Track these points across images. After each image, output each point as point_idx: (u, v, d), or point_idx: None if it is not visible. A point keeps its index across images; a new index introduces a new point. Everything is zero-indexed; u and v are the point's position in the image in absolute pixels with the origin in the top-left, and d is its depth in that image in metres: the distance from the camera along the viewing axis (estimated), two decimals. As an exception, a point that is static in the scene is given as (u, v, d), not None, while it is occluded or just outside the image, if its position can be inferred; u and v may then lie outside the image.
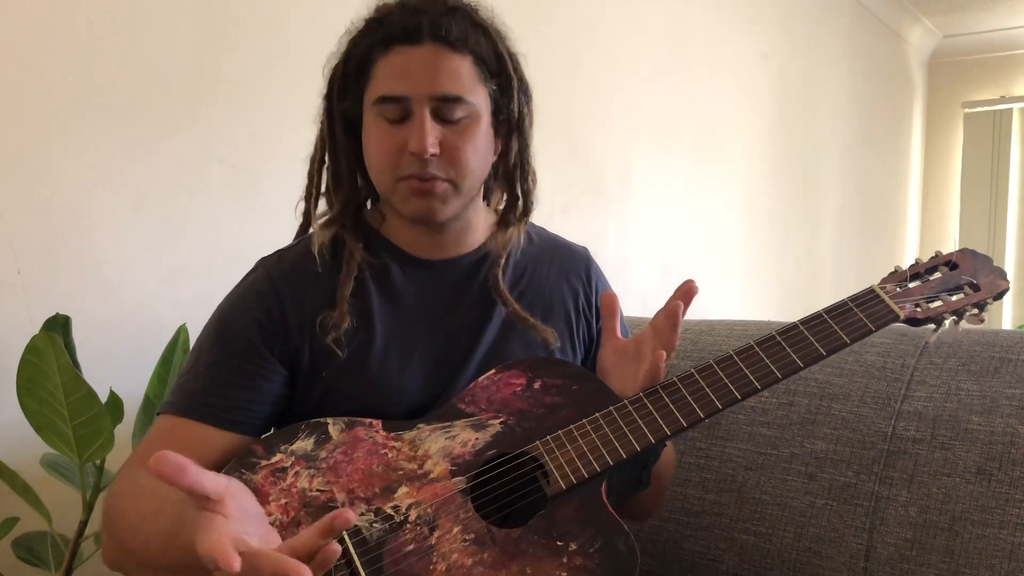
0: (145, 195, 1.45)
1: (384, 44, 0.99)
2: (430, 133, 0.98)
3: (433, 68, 0.98)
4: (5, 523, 1.21)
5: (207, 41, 1.53)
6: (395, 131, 1.00)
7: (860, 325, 1.00)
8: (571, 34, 2.35)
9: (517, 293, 1.12)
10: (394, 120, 1.00)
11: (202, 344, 1.04)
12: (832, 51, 3.68)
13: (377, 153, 1.02)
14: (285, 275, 1.05)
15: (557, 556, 0.90)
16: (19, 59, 1.30)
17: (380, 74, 1.00)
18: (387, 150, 1.01)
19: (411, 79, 0.98)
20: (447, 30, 0.98)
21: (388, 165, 1.01)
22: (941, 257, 1.09)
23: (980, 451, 1.19)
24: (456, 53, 0.99)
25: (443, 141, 1.00)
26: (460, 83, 0.99)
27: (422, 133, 0.98)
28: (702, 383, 0.99)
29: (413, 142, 0.98)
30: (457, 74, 0.99)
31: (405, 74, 0.98)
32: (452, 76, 0.98)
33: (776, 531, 1.30)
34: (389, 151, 1.00)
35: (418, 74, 0.98)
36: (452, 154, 1.00)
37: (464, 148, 1.01)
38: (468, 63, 1.00)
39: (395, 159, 1.00)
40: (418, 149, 0.98)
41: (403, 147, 0.99)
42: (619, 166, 2.54)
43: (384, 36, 0.99)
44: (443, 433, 0.99)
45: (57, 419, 1.18)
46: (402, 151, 1.00)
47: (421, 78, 0.98)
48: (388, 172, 1.02)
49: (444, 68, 0.98)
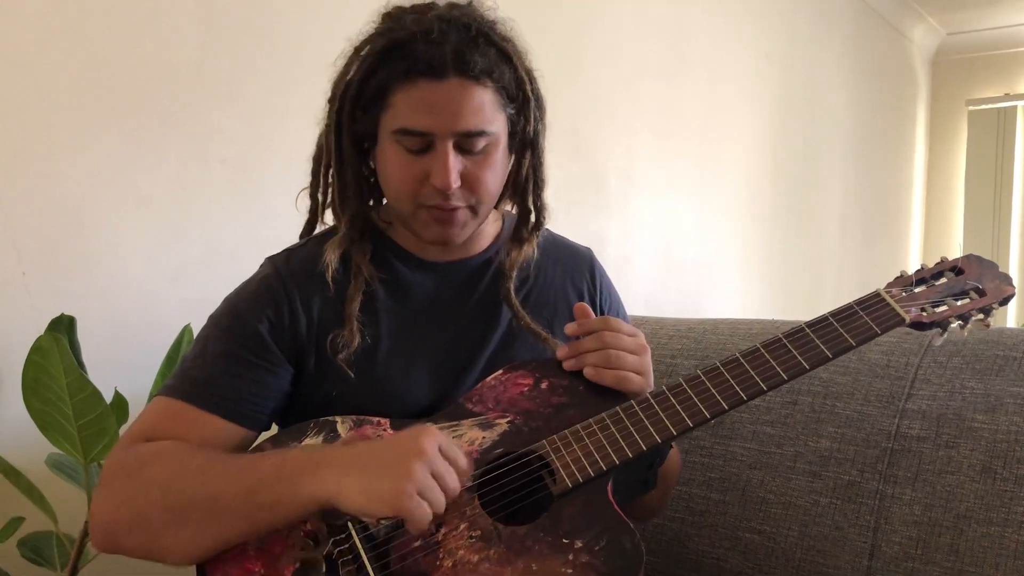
0: (148, 196, 1.45)
1: (406, 76, 0.96)
2: (453, 169, 0.97)
3: (458, 105, 0.96)
4: (10, 523, 1.22)
5: (209, 41, 1.53)
6: (416, 161, 0.99)
7: (866, 328, 1.00)
8: (574, 33, 2.34)
9: (523, 295, 1.12)
10: (415, 150, 0.99)
11: (210, 334, 1.04)
12: (835, 49, 3.68)
13: (398, 180, 1.01)
14: (295, 275, 1.05)
15: (563, 554, 0.90)
16: (21, 60, 1.30)
17: (401, 104, 0.97)
18: (408, 179, 1.00)
19: (435, 115, 0.96)
20: (472, 64, 0.96)
21: (408, 194, 1.01)
22: (947, 262, 1.10)
23: (984, 449, 1.19)
24: (480, 86, 0.97)
25: (464, 172, 0.99)
26: (483, 117, 0.98)
27: (446, 169, 0.97)
28: (708, 384, 0.99)
29: (437, 178, 0.97)
30: (481, 108, 0.97)
31: (429, 110, 0.96)
32: (476, 112, 0.97)
33: (780, 530, 1.30)
34: (409, 180, 1.00)
35: (442, 110, 0.96)
36: (473, 184, 1.00)
37: (484, 177, 1.01)
38: (490, 94, 0.98)
39: (416, 188, 1.00)
40: (443, 185, 0.98)
41: (424, 177, 0.99)
42: (621, 165, 2.54)
43: (407, 68, 0.96)
44: (451, 432, 0.99)
45: (62, 419, 1.18)
46: (423, 180, 0.99)
47: (445, 115, 0.96)
48: (408, 201, 1.01)
49: (468, 104, 0.96)
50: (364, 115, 1.01)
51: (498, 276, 1.12)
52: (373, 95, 0.99)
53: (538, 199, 1.11)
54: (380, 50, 0.98)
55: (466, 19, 0.98)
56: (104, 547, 0.94)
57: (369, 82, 0.99)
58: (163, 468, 0.93)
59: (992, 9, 4.25)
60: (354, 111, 1.02)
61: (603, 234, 2.46)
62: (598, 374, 1.01)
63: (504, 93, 1.00)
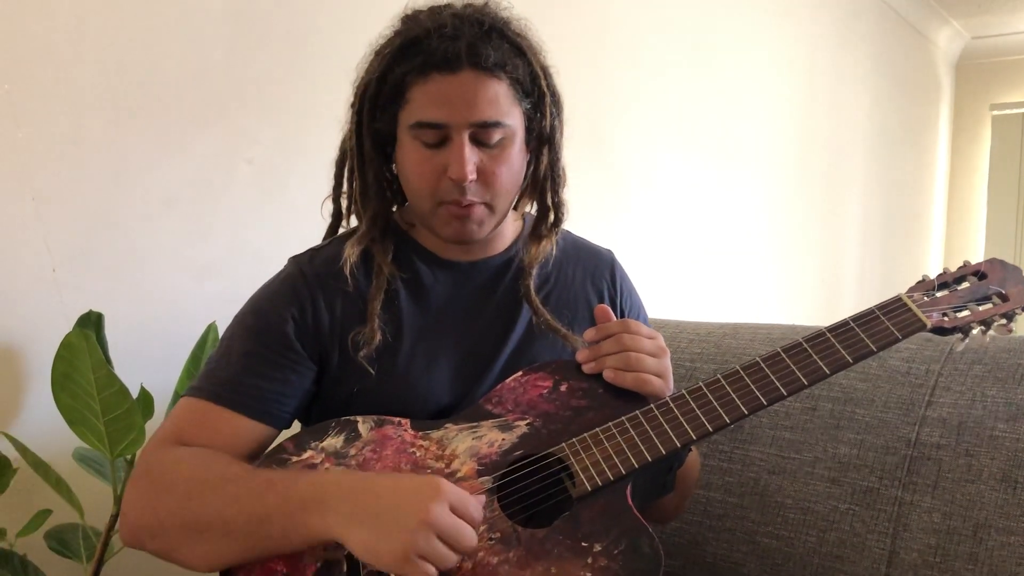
0: (175, 195, 1.47)
1: (421, 70, 0.98)
2: (469, 160, 0.99)
3: (472, 96, 0.98)
4: (38, 515, 1.24)
5: (236, 42, 1.54)
6: (433, 155, 1.00)
7: (887, 333, 1.00)
8: (595, 33, 2.35)
9: (543, 296, 1.13)
10: (432, 144, 1.00)
11: (234, 333, 1.06)
12: (858, 52, 3.66)
13: (416, 176, 1.03)
14: (319, 275, 1.07)
15: (582, 557, 0.91)
16: (53, 60, 1.32)
17: (417, 99, 0.99)
18: (425, 174, 1.01)
19: (450, 107, 0.98)
20: (485, 56, 0.97)
21: (427, 190, 1.02)
22: (969, 267, 1.09)
23: (1005, 458, 1.19)
24: (494, 78, 0.99)
25: (480, 166, 1.00)
26: (498, 108, 0.99)
27: (462, 161, 0.98)
28: (728, 388, 0.99)
29: (453, 169, 0.99)
30: (495, 100, 0.99)
31: (444, 102, 0.98)
32: (491, 103, 0.98)
33: (798, 535, 1.30)
34: (427, 175, 1.01)
35: (457, 102, 0.98)
36: (489, 178, 1.01)
37: (500, 172, 1.02)
38: (505, 86, 1.00)
39: (434, 183, 1.01)
40: (458, 176, 0.99)
41: (441, 171, 1.00)
42: (642, 168, 2.54)
43: (422, 63, 0.98)
44: (470, 433, 1.00)
45: (89, 414, 1.20)
46: (440, 175, 1.00)
47: (460, 106, 0.98)
48: (427, 197, 1.03)
49: (483, 96, 0.98)
50: (383, 113, 1.03)
51: (518, 275, 1.12)
52: (391, 93, 1.01)
53: (556, 196, 1.12)
54: (397, 48, 1.01)
55: (480, 15, 1.01)
56: (130, 545, 0.97)
57: (387, 80, 1.01)
58: (183, 481, 0.94)
59: (1017, 13, 4.21)
60: (374, 110, 1.04)
61: (624, 236, 2.46)
62: (618, 376, 1.02)
63: (519, 87, 1.02)
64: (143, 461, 0.99)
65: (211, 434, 0.99)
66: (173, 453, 0.97)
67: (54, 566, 1.27)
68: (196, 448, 0.98)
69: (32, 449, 1.23)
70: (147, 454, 1.00)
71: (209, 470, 0.95)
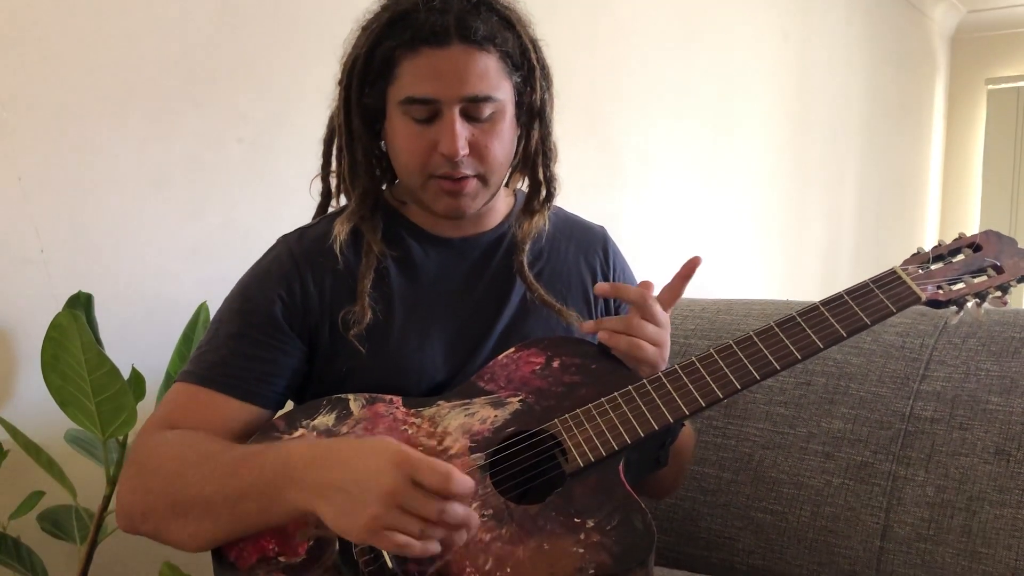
0: (165, 174, 1.46)
1: (410, 45, 0.97)
2: (460, 135, 0.98)
3: (463, 70, 0.97)
4: (31, 497, 1.24)
5: (224, 19, 1.53)
6: (423, 130, 0.99)
7: (881, 307, 1.00)
8: (588, 11, 2.33)
9: (536, 272, 1.12)
10: (422, 120, 0.99)
11: (223, 316, 1.05)
12: (853, 27, 3.63)
13: (406, 152, 1.02)
14: (307, 254, 1.06)
15: (575, 533, 0.91)
16: (36, 41, 1.30)
17: (406, 74, 0.98)
18: (416, 150, 1.00)
19: (440, 82, 0.97)
20: (474, 30, 0.96)
21: (418, 165, 1.01)
22: (964, 239, 1.08)
23: (998, 431, 1.19)
24: (483, 52, 0.97)
25: (472, 140, 0.99)
26: (488, 82, 0.98)
27: (453, 136, 0.97)
28: (721, 363, 0.99)
29: (444, 144, 0.98)
30: (485, 74, 0.98)
31: (434, 77, 0.97)
32: (481, 76, 0.97)
33: (793, 510, 1.30)
34: (418, 151, 1.00)
35: (447, 76, 0.97)
36: (481, 152, 1.00)
37: (492, 145, 1.01)
38: (495, 60, 0.99)
39: (424, 158, 1.00)
40: (450, 152, 0.98)
41: (432, 147, 0.99)
42: (637, 145, 2.53)
43: (411, 37, 0.97)
44: (463, 410, 1.00)
45: (80, 395, 1.19)
46: (431, 150, 1.00)
47: (451, 80, 0.97)
48: (418, 171, 1.02)
49: (473, 70, 0.97)
50: (372, 89, 1.02)
51: (511, 250, 1.12)
52: (379, 68, 1.00)
53: (548, 170, 1.11)
54: (384, 23, 0.99)
55: None
56: (125, 529, 0.97)
57: (374, 55, 1.00)
58: (167, 461, 0.94)
59: (1014, -14, 4.19)
60: (362, 86, 1.02)
61: (618, 213, 2.45)
62: (612, 339, 1.01)
63: (509, 60, 1.01)
64: (134, 448, 0.99)
65: (201, 417, 0.98)
66: (160, 436, 0.97)
67: (48, 548, 1.27)
68: (182, 430, 0.97)
69: (23, 431, 1.22)
70: (138, 440, 1.00)
71: (191, 449, 0.94)
